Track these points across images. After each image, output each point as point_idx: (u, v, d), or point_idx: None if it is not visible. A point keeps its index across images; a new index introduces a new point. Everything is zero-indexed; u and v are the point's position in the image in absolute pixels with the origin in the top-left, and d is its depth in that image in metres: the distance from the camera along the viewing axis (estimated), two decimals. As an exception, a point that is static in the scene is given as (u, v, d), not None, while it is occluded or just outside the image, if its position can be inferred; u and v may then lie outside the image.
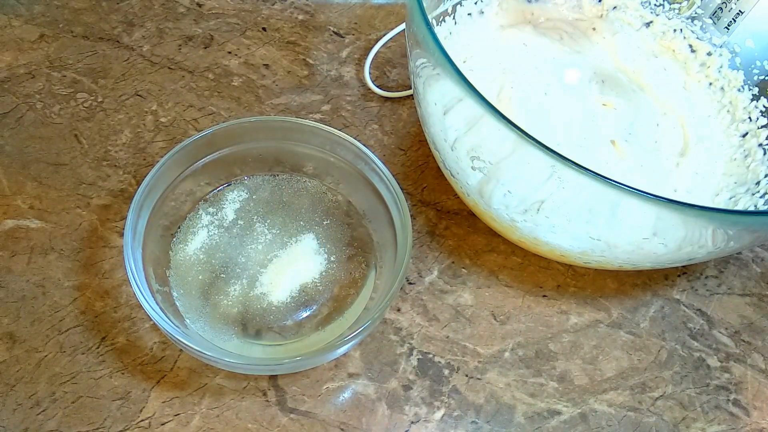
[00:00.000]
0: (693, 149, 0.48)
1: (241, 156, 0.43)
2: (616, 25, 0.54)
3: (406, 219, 0.39)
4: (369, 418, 0.40)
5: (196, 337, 0.38)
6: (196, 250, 0.41)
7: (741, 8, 0.49)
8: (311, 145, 0.43)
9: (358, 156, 0.42)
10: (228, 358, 0.35)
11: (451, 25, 0.49)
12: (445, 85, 0.35)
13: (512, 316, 0.44)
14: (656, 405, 0.42)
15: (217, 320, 0.39)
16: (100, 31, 0.55)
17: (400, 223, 0.39)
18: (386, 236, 0.41)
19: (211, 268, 0.41)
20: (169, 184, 0.41)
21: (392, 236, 0.40)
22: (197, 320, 0.39)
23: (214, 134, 0.41)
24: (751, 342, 0.45)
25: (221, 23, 0.57)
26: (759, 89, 0.49)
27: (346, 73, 0.55)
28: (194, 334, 0.38)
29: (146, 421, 0.38)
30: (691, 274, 0.47)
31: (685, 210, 0.32)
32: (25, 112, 0.50)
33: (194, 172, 0.42)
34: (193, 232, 0.42)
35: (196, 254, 0.41)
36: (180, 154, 0.40)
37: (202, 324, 0.39)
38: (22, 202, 0.45)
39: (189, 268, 0.41)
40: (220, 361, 0.35)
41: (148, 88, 0.52)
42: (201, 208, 0.43)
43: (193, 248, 0.41)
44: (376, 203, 0.42)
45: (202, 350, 0.34)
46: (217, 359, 0.35)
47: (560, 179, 0.33)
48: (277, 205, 0.43)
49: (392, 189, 0.40)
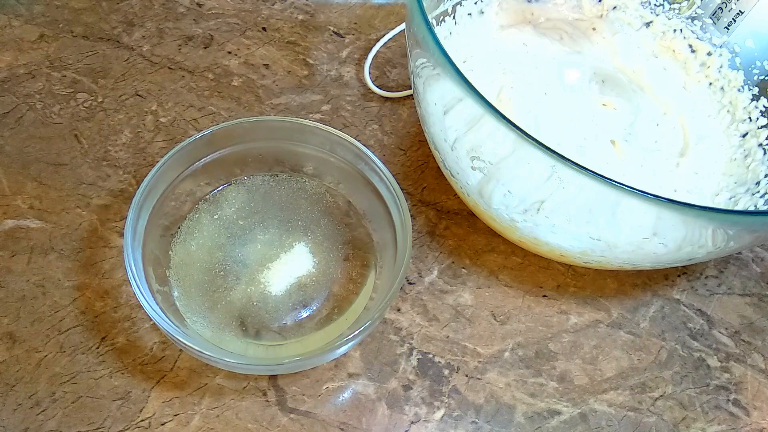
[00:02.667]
0: (693, 149, 0.48)
1: (241, 156, 0.43)
2: (616, 25, 0.54)
3: (406, 219, 0.39)
4: (369, 418, 0.40)
5: (195, 337, 0.38)
6: (196, 250, 0.41)
7: (741, 8, 0.49)
8: (311, 145, 0.43)
9: (358, 156, 0.42)
10: (228, 357, 0.35)
11: (451, 25, 0.49)
12: (445, 85, 0.35)
13: (512, 316, 0.44)
14: (656, 405, 0.42)
15: (217, 320, 0.39)
16: (100, 31, 0.55)
17: (400, 223, 0.39)
18: (386, 236, 0.41)
19: (211, 268, 0.41)
20: (169, 184, 0.41)
21: (392, 236, 0.40)
22: (197, 320, 0.39)
23: (213, 134, 0.41)
24: (751, 342, 0.45)
25: (221, 23, 0.57)
26: (759, 89, 0.49)
27: (346, 73, 0.55)
28: (194, 334, 0.38)
29: (146, 421, 0.38)
30: (691, 274, 0.47)
31: (685, 210, 0.32)
32: (25, 112, 0.50)
33: (194, 172, 0.42)
34: (193, 232, 0.42)
35: (196, 254, 0.41)
36: (180, 153, 0.40)
37: (202, 324, 0.39)
38: (22, 202, 0.45)
39: (189, 268, 0.41)
40: (220, 360, 0.35)
41: (148, 88, 0.52)
42: (201, 208, 0.43)
43: (193, 248, 0.41)
44: (376, 203, 0.42)
45: (202, 350, 0.34)
46: (217, 359, 0.35)
47: (560, 179, 0.33)
48: (277, 206, 0.43)
49: (392, 189, 0.40)
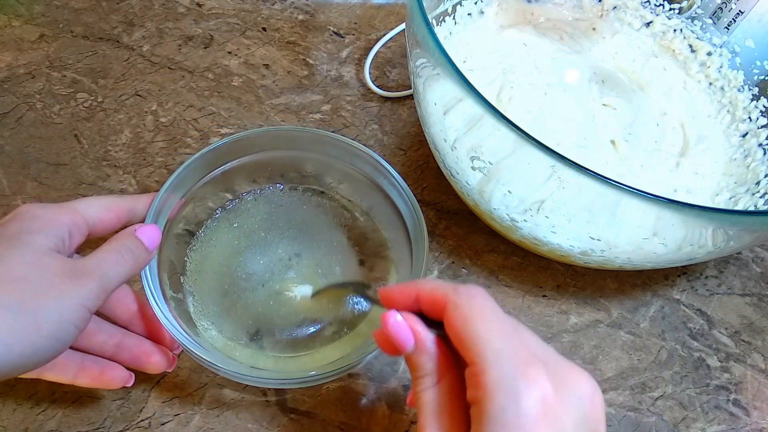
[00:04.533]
0: (693, 149, 0.48)
1: (261, 165, 0.42)
2: (616, 25, 0.54)
3: (422, 231, 0.38)
4: (369, 418, 0.40)
5: (209, 347, 0.37)
6: (213, 258, 0.41)
7: (741, 8, 0.49)
8: (330, 156, 0.42)
9: (377, 169, 0.41)
10: (241, 371, 0.34)
11: (451, 25, 0.49)
12: (445, 85, 0.35)
13: (512, 316, 0.44)
14: (656, 405, 0.42)
15: (229, 328, 0.39)
16: (100, 31, 0.55)
17: (415, 237, 0.39)
18: (403, 254, 0.41)
19: (226, 277, 0.40)
20: (187, 190, 0.40)
21: (408, 254, 0.40)
22: (209, 327, 0.38)
23: (233, 143, 0.40)
24: (751, 342, 0.45)
25: (221, 23, 0.57)
26: (759, 89, 0.49)
27: (346, 73, 0.55)
28: (207, 344, 0.37)
29: (146, 421, 0.38)
30: (691, 274, 0.47)
31: (685, 210, 0.32)
32: (25, 112, 0.50)
33: (213, 179, 0.41)
34: (211, 240, 0.41)
35: (212, 262, 0.41)
36: (200, 160, 0.39)
37: (214, 331, 0.38)
38: (22, 202, 0.45)
39: (204, 276, 0.40)
40: (233, 374, 0.34)
41: (148, 88, 0.52)
42: (219, 217, 0.42)
43: (209, 256, 0.41)
44: (396, 223, 0.41)
45: (218, 363, 0.34)
46: (234, 374, 0.34)
47: (560, 179, 0.33)
48: (295, 217, 0.43)
49: (411, 204, 0.39)
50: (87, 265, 0.30)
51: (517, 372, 0.23)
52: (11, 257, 0.29)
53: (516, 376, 0.23)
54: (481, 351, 0.24)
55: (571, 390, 0.24)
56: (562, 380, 0.24)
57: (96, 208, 0.33)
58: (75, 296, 0.29)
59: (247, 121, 0.51)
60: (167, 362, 0.36)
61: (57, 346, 0.29)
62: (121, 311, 0.36)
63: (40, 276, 0.28)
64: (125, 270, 0.32)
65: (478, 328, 0.25)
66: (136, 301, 0.36)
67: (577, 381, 0.25)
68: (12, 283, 0.28)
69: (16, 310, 0.27)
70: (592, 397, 0.25)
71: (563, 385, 0.24)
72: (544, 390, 0.23)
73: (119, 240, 0.33)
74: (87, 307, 0.29)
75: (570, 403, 0.24)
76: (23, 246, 0.29)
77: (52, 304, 0.28)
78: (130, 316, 0.36)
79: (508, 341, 0.24)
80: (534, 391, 0.23)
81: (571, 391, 0.24)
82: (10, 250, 0.29)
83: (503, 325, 0.25)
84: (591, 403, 0.25)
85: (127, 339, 0.35)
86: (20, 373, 0.28)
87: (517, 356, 0.24)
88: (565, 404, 0.24)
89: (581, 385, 0.25)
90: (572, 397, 0.24)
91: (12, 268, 0.28)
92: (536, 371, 0.24)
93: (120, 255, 0.32)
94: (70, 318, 0.29)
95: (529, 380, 0.23)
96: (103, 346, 0.35)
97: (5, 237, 0.30)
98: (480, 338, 0.25)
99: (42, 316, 0.28)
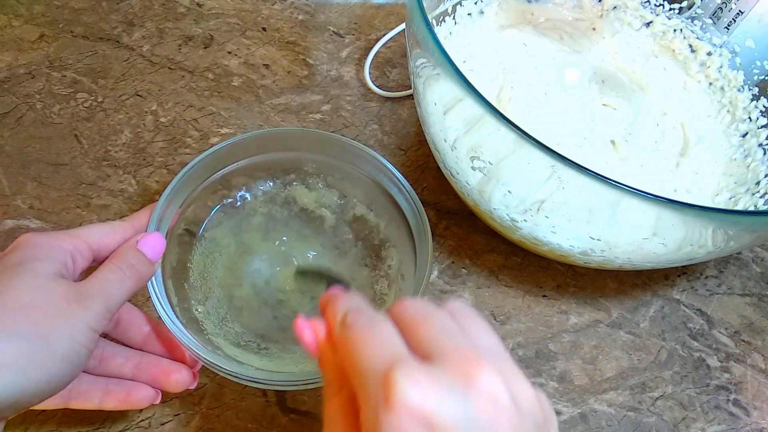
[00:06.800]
0: (693, 149, 0.48)
1: (265, 166, 0.42)
2: (616, 25, 0.54)
3: (428, 246, 0.38)
4: (369, 418, 0.40)
5: (218, 353, 0.36)
6: (217, 263, 0.41)
7: (741, 8, 0.49)
8: (334, 158, 0.42)
9: (382, 172, 0.41)
10: (240, 370, 0.34)
11: (451, 25, 0.49)
12: (445, 85, 0.35)
13: (512, 316, 0.44)
14: (656, 405, 0.42)
15: (234, 332, 0.38)
16: (100, 31, 0.55)
17: (419, 240, 0.39)
18: (406, 253, 0.40)
19: (231, 281, 0.40)
20: (188, 195, 0.40)
21: (411, 252, 0.40)
22: (216, 332, 0.38)
23: (236, 144, 0.40)
24: (751, 342, 0.45)
25: (221, 23, 0.57)
26: (759, 89, 0.49)
27: (346, 73, 0.55)
28: (216, 350, 0.37)
29: (146, 421, 0.38)
30: (691, 274, 0.47)
31: (685, 210, 0.32)
32: (25, 112, 0.50)
33: (212, 182, 0.41)
34: (214, 244, 0.41)
35: (216, 266, 0.40)
36: (201, 163, 0.39)
37: (220, 336, 0.38)
38: (22, 202, 0.45)
39: (209, 281, 0.40)
40: (231, 373, 0.34)
41: (148, 88, 0.52)
42: (219, 218, 0.42)
43: (213, 260, 0.41)
44: (399, 222, 0.41)
45: (230, 369, 0.34)
46: (234, 374, 0.34)
47: (560, 179, 0.33)
48: (296, 218, 0.43)
49: (417, 211, 0.39)
50: (90, 287, 0.30)
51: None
52: (18, 285, 0.29)
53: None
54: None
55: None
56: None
57: (98, 232, 0.33)
58: (83, 319, 0.29)
59: (247, 121, 0.51)
60: (189, 379, 0.35)
61: (71, 370, 0.29)
62: (133, 333, 0.36)
63: (48, 302, 0.29)
64: (128, 287, 0.32)
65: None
66: (149, 322, 0.36)
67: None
68: (22, 310, 0.28)
69: (29, 338, 0.27)
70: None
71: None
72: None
73: (120, 256, 0.33)
74: (94, 329, 0.29)
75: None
76: (28, 273, 0.29)
77: (63, 329, 0.28)
78: (144, 337, 0.36)
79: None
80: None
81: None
82: (15, 279, 0.29)
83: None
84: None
85: (144, 360, 0.35)
86: (38, 401, 0.28)
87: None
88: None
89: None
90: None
91: (20, 295, 0.28)
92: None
93: (122, 272, 0.32)
94: (81, 341, 0.29)
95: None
96: (121, 369, 0.35)
97: (9, 266, 0.30)
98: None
99: (54, 341, 0.28)
